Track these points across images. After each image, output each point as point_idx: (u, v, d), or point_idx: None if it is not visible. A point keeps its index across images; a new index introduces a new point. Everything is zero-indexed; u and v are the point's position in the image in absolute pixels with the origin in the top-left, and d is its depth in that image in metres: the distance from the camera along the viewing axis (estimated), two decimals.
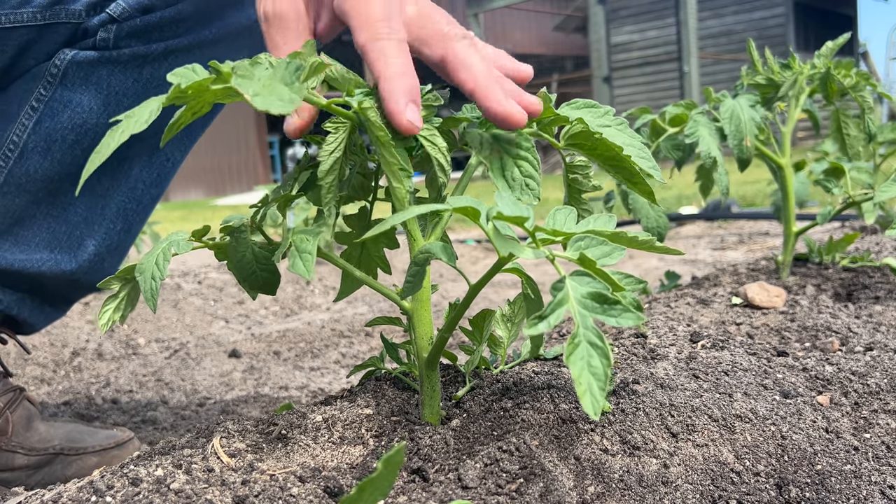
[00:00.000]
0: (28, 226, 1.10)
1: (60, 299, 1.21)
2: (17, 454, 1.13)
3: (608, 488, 0.67)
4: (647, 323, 1.14)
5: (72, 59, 1.04)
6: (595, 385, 0.55)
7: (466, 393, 0.84)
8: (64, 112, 1.06)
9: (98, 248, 1.15)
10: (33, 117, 1.05)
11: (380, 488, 0.41)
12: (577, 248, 0.61)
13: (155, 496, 0.64)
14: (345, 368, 1.91)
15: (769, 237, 3.62)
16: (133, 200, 1.16)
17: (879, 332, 1.09)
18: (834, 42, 1.40)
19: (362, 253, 0.85)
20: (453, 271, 3.28)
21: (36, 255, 1.11)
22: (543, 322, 0.57)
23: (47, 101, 1.05)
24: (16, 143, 1.06)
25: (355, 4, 0.72)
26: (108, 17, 1.04)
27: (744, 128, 1.28)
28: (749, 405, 0.80)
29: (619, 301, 0.56)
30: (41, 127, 1.06)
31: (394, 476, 0.41)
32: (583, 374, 0.55)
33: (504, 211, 0.58)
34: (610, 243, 0.62)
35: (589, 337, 0.56)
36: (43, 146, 1.06)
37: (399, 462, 0.40)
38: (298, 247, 0.69)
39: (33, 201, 1.09)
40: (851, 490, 0.71)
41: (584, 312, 0.57)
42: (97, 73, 1.05)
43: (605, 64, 13.32)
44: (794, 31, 13.22)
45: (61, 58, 1.04)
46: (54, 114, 1.05)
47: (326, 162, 0.72)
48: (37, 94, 1.05)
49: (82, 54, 1.04)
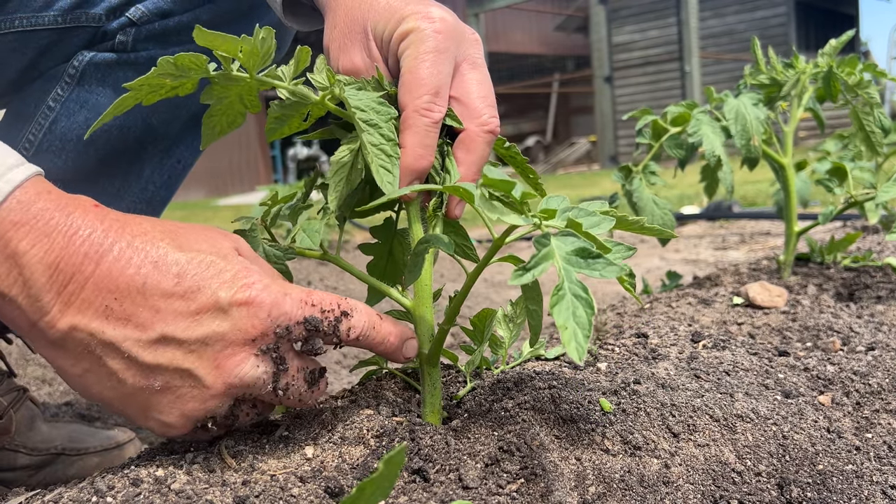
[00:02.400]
0: None
1: None
2: (20, 454, 1.13)
3: (609, 488, 0.67)
4: (648, 323, 1.14)
5: (90, 61, 1.05)
6: (580, 333, 0.55)
7: (467, 393, 0.84)
8: (80, 112, 1.07)
9: None
10: (50, 117, 1.06)
11: (381, 488, 0.41)
12: (564, 217, 0.62)
13: (156, 496, 0.64)
14: (346, 369, 1.90)
15: (770, 237, 3.62)
16: (143, 202, 1.17)
17: (881, 331, 1.09)
18: (837, 40, 1.39)
19: (388, 261, 0.85)
20: (454, 272, 3.28)
21: None
22: (528, 273, 0.58)
23: (64, 102, 1.06)
24: (31, 142, 1.07)
25: (411, 62, 0.72)
26: (127, 20, 1.05)
27: (750, 127, 1.28)
28: (750, 405, 0.80)
29: (602, 255, 0.57)
30: (57, 127, 1.07)
31: (395, 476, 0.41)
32: (568, 321, 0.56)
33: (489, 174, 0.59)
34: (599, 215, 0.63)
35: (574, 290, 0.57)
36: (58, 146, 1.07)
37: (400, 462, 0.40)
38: (305, 227, 0.71)
39: None
40: (853, 490, 0.71)
41: (567, 267, 0.58)
42: (114, 75, 1.07)
43: (607, 64, 13.32)
44: (796, 31, 13.21)
45: (80, 59, 1.05)
46: (70, 114, 1.06)
47: (335, 166, 0.74)
48: (54, 94, 1.06)
49: (100, 56, 1.06)
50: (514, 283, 0.58)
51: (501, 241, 0.63)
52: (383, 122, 0.71)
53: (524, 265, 0.58)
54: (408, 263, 0.68)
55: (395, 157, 0.71)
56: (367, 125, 0.71)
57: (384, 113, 0.71)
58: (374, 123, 0.71)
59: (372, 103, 0.71)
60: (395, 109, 0.73)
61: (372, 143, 0.71)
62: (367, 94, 0.72)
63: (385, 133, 0.71)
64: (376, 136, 0.71)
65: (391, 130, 0.71)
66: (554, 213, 0.63)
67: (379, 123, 0.71)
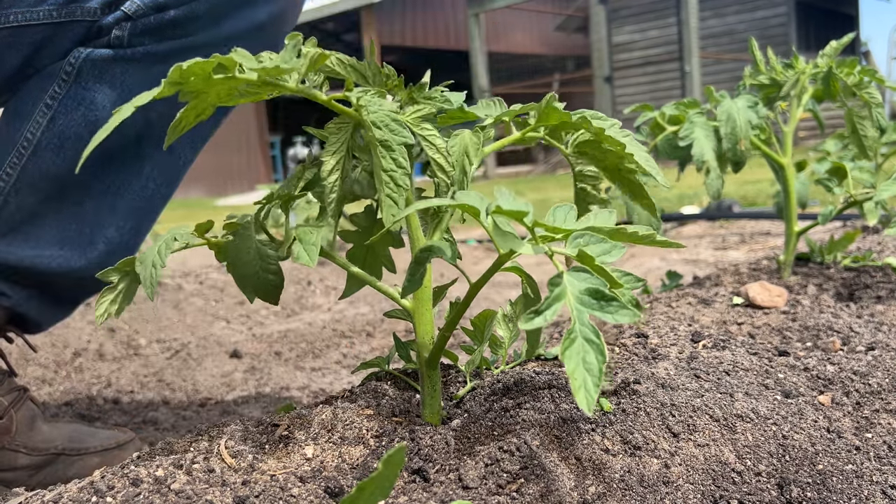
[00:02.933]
0: (39, 223, 1.11)
1: (67, 299, 1.22)
2: (20, 454, 1.13)
3: (609, 488, 0.67)
4: (648, 323, 1.14)
5: (86, 58, 1.05)
6: (590, 381, 0.55)
7: (467, 393, 0.84)
8: (78, 110, 1.06)
9: (108, 247, 1.15)
10: (47, 115, 1.06)
11: (380, 488, 0.41)
12: (576, 244, 0.61)
13: (155, 496, 0.64)
14: (346, 369, 1.91)
15: (770, 237, 3.61)
16: (143, 199, 1.17)
17: (881, 331, 1.09)
18: (838, 41, 1.39)
19: (368, 252, 0.85)
20: (455, 272, 3.27)
21: (46, 251, 1.11)
22: (539, 317, 0.57)
23: (61, 99, 1.06)
24: (30, 140, 1.07)
25: None
26: (122, 14, 1.05)
27: (739, 130, 1.28)
28: (750, 405, 0.80)
29: (616, 297, 0.57)
30: (55, 124, 1.06)
31: (394, 476, 0.41)
32: (577, 369, 0.55)
33: (503, 205, 0.58)
34: (610, 240, 0.62)
35: (585, 333, 0.56)
36: (56, 143, 1.07)
37: (400, 462, 0.40)
38: (302, 238, 0.69)
39: (45, 198, 1.10)
40: (853, 490, 0.71)
41: (580, 308, 0.57)
42: (111, 71, 1.06)
43: (607, 64, 13.31)
44: (796, 31, 13.20)
45: (76, 56, 1.05)
46: (68, 111, 1.06)
47: (329, 162, 0.72)
48: (51, 91, 1.06)
49: (97, 52, 1.05)
50: (526, 328, 0.57)
51: (507, 257, 0.63)
52: (396, 144, 0.68)
53: (536, 308, 0.57)
54: (409, 269, 0.68)
55: (403, 189, 0.68)
56: (383, 147, 0.68)
57: (398, 133, 0.68)
58: (388, 146, 0.68)
59: (387, 119, 0.68)
60: (409, 132, 0.70)
61: (384, 168, 0.68)
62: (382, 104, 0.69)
63: (398, 159, 0.68)
64: (389, 161, 0.68)
65: (404, 157, 0.68)
66: (561, 231, 0.62)
67: (392, 146, 0.68)
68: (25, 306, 1.16)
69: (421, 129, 0.72)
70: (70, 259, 1.13)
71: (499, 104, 0.81)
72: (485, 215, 0.60)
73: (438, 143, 0.72)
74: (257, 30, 1.13)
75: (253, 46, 1.16)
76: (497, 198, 0.60)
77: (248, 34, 1.12)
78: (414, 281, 0.68)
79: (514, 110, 0.78)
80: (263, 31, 1.13)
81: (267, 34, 1.13)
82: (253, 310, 2.60)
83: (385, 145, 0.68)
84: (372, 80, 0.74)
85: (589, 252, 0.60)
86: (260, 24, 1.13)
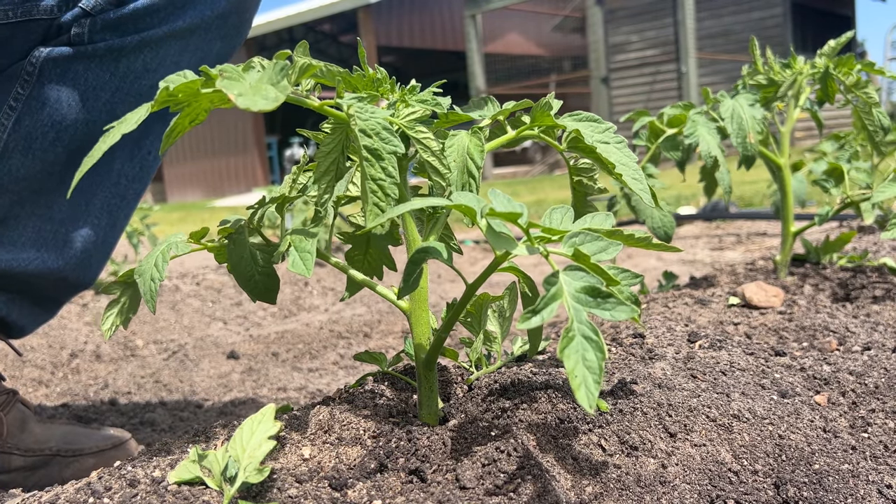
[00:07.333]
0: (13, 225, 1.10)
1: (49, 300, 1.21)
2: (14, 455, 1.12)
3: (606, 488, 0.67)
4: (645, 323, 1.14)
5: (47, 57, 1.04)
6: (590, 378, 0.54)
7: (465, 393, 0.84)
8: (43, 110, 1.05)
9: (84, 245, 1.15)
10: (12, 117, 1.05)
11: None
12: (571, 244, 0.61)
13: (152, 497, 0.64)
14: (343, 370, 1.90)
15: (767, 237, 3.62)
16: (117, 196, 1.16)
17: (877, 331, 1.09)
18: (836, 41, 1.40)
19: (367, 252, 0.85)
20: (452, 272, 3.27)
21: (22, 254, 1.10)
22: (537, 316, 0.57)
23: (25, 100, 1.05)
24: None
25: None
26: (81, 11, 1.03)
27: (746, 125, 1.28)
28: (747, 405, 0.80)
29: (612, 294, 0.56)
30: (21, 126, 1.05)
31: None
32: (577, 367, 0.55)
33: (497, 207, 0.58)
34: (606, 239, 0.62)
35: (583, 331, 0.56)
36: (24, 145, 1.06)
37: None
38: (297, 246, 0.69)
39: (17, 201, 1.09)
40: (849, 489, 0.71)
41: (577, 306, 0.57)
42: (73, 69, 1.05)
43: (604, 64, 13.32)
44: (792, 32, 13.22)
45: (36, 56, 1.04)
46: (33, 112, 1.05)
47: (323, 164, 0.72)
48: (14, 93, 1.05)
49: (57, 51, 1.04)
50: (523, 328, 0.57)
51: (503, 258, 0.63)
52: (387, 153, 0.67)
53: (533, 308, 0.57)
54: (405, 271, 0.67)
55: (391, 198, 0.67)
56: (372, 155, 0.67)
57: (389, 141, 0.67)
58: (378, 154, 0.67)
59: (378, 127, 0.67)
60: (400, 141, 0.68)
61: (372, 176, 0.67)
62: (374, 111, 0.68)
63: (387, 168, 0.67)
64: (378, 170, 0.67)
65: (393, 166, 0.67)
66: (557, 232, 0.62)
67: (382, 154, 0.67)
68: (6, 310, 1.15)
69: (415, 131, 0.72)
70: (47, 260, 1.12)
71: (491, 103, 0.81)
72: (480, 217, 0.60)
73: (433, 146, 0.72)
74: (220, 18, 1.11)
75: (214, 37, 1.15)
76: (491, 200, 0.60)
77: (210, 23, 1.11)
78: (410, 283, 0.68)
79: (507, 109, 0.78)
80: (226, 18, 1.11)
81: (229, 21, 1.12)
82: (250, 311, 2.60)
83: (375, 154, 0.67)
84: (363, 88, 0.74)
85: (584, 251, 0.60)
86: (222, 12, 1.11)
